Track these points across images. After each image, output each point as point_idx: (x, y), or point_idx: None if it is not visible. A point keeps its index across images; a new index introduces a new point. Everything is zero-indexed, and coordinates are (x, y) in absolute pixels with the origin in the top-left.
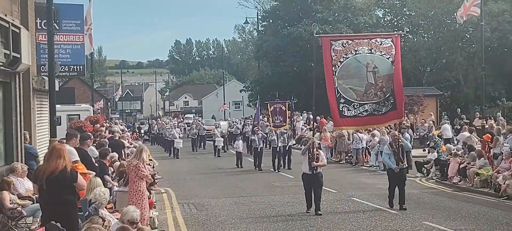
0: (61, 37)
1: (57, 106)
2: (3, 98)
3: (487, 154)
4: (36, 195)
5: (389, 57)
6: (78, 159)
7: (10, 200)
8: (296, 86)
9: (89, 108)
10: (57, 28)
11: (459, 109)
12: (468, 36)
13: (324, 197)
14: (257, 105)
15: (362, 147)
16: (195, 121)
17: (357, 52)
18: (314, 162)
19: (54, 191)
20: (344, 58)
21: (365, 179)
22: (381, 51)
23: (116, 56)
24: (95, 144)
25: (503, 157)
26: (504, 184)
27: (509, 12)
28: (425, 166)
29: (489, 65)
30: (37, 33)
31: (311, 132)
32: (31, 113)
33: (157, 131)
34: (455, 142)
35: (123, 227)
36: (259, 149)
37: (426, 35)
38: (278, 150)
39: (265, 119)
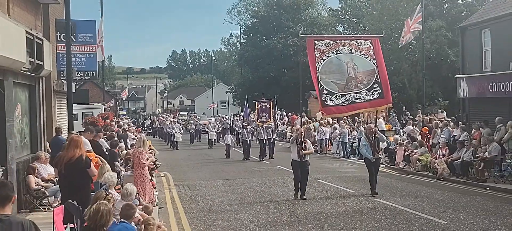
0: (77, 48)
1: (74, 105)
2: (29, 99)
3: (427, 143)
4: (57, 178)
5: (367, 57)
6: (91, 148)
7: (35, 183)
8: (271, 88)
9: (101, 106)
10: (74, 40)
11: (404, 107)
12: (412, 47)
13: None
14: (245, 104)
15: (326, 138)
16: (193, 117)
17: (339, 51)
18: (302, 150)
19: (71, 175)
20: (327, 57)
21: (328, 164)
22: (360, 52)
23: (123, 64)
24: (106, 136)
25: (440, 146)
26: (440, 168)
27: (445, 28)
28: None
29: (428, 71)
30: (57, 44)
31: (300, 123)
32: (52, 111)
33: (158, 126)
34: (401, 133)
35: (128, 204)
36: (248, 141)
37: None
38: (264, 142)
39: (251, 115)
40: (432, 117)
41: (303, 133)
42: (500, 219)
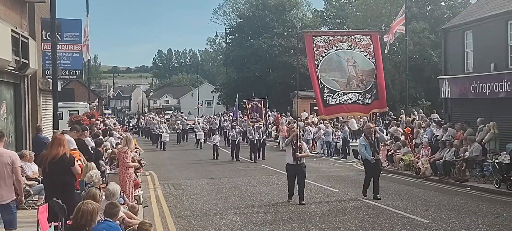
0: (63, 47)
1: (60, 103)
2: (14, 97)
3: (410, 143)
4: (41, 177)
5: (367, 54)
6: (76, 147)
7: None
8: (256, 88)
9: (86, 105)
10: (60, 39)
11: (388, 107)
12: (395, 48)
13: (279, 178)
14: (235, 103)
15: (311, 138)
16: (179, 117)
17: (338, 47)
18: (298, 153)
19: (55, 173)
20: (326, 53)
21: (312, 164)
22: (359, 48)
23: (109, 63)
24: (91, 134)
25: (423, 146)
26: (423, 167)
27: (428, 30)
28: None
29: (411, 72)
30: (42, 43)
31: (295, 123)
32: (38, 109)
33: (145, 125)
34: (385, 133)
35: (111, 202)
36: (236, 142)
37: None
38: (254, 142)
39: (240, 114)
40: (415, 117)
41: (298, 135)
42: (481, 218)
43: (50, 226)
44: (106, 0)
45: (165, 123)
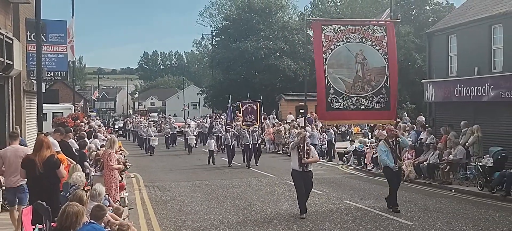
0: (48, 48)
1: (44, 105)
2: None
3: None
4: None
5: (380, 48)
6: (59, 149)
7: (2, 183)
8: (242, 91)
9: (71, 107)
10: (44, 40)
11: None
12: None
13: (264, 180)
14: (229, 105)
15: None
16: (168, 119)
17: (349, 39)
18: (305, 158)
19: (43, 175)
20: (335, 46)
21: None
22: (372, 41)
23: (94, 64)
24: (76, 136)
25: (407, 149)
26: (407, 170)
27: (413, 33)
28: (346, 155)
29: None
30: (27, 44)
31: (303, 125)
32: (22, 111)
33: (132, 128)
34: (370, 136)
35: (98, 205)
36: (231, 146)
37: None
38: (249, 147)
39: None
40: (398, 120)
41: (305, 138)
42: (465, 221)
43: (34, 229)
44: (92, 1)
45: (152, 126)
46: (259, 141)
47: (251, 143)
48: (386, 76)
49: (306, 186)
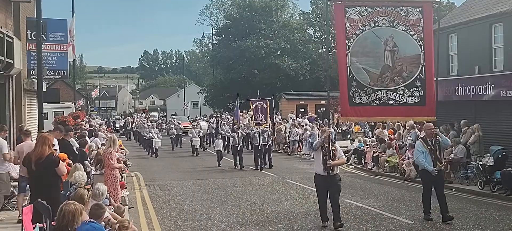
0: (48, 46)
1: (44, 104)
2: None
3: (395, 145)
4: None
5: (414, 33)
6: (57, 148)
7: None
8: (243, 90)
9: (72, 106)
10: (45, 39)
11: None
12: None
13: (265, 179)
14: (236, 103)
15: (297, 140)
16: (172, 119)
17: (377, 24)
18: (330, 160)
19: (40, 173)
20: (361, 31)
21: (298, 165)
22: (405, 25)
23: (94, 63)
24: (76, 135)
25: (407, 148)
26: (407, 169)
27: None
28: (346, 154)
29: None
30: (27, 43)
31: (327, 124)
32: (22, 110)
33: (135, 128)
34: (370, 135)
35: (97, 204)
36: (239, 147)
37: None
38: (259, 148)
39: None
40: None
41: (329, 136)
42: (465, 220)
43: (34, 227)
44: (92, 0)
45: (156, 127)
46: (270, 142)
47: (261, 144)
48: (421, 66)
49: (331, 191)
